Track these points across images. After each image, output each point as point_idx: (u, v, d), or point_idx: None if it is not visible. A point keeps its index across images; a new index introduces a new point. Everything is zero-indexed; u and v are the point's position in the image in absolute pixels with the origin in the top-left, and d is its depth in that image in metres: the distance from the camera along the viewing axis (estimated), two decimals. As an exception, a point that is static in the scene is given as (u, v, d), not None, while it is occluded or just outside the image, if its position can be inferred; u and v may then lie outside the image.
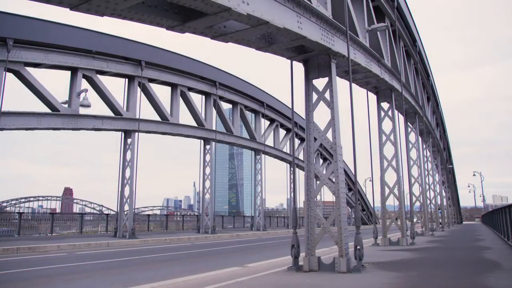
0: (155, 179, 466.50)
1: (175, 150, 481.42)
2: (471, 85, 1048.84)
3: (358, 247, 8.93)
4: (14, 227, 23.84)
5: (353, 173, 9.63)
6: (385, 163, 17.19)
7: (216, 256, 15.11)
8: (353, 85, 12.92)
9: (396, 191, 17.07)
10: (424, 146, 29.54)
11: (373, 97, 17.61)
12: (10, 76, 18.46)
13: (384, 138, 17.42)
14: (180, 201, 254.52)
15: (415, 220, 22.30)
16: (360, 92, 17.23)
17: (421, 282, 7.80)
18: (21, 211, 37.47)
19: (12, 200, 57.68)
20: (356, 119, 9.60)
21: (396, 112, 18.10)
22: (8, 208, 52.77)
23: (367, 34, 12.61)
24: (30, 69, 19.28)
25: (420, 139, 26.40)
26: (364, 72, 13.09)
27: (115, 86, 23.69)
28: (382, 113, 17.52)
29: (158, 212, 71.42)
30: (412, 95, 21.45)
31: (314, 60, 10.04)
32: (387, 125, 17.47)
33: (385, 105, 17.52)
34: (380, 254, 12.79)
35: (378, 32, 14.15)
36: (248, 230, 34.18)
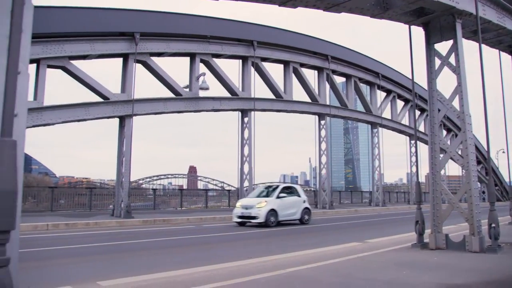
0: (270, 156, 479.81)
1: (288, 127, 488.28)
2: None
3: (493, 225, 8.10)
4: (150, 201, 26.67)
5: (481, 144, 8.72)
6: (524, 132, 15.27)
7: (334, 231, 15.09)
8: (482, 45, 11.59)
9: (538, 163, 15.10)
10: None
11: (506, 57, 15.60)
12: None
13: (521, 103, 15.44)
14: (296, 177, 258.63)
15: None
16: (489, 53, 15.38)
17: None
18: (154, 187, 41.67)
19: (146, 178, 64.42)
20: (487, 84, 8.62)
21: (536, 73, 15.87)
22: (143, 185, 59.08)
23: (499, -14, 11.13)
24: (155, 58, 21.04)
25: None
26: (496, 30, 11.60)
27: (230, 68, 24.68)
28: (519, 76, 15.51)
29: (275, 187, 73.30)
30: (557, 52, 18.51)
31: (436, 23, 9.18)
32: (525, 88, 15.42)
33: (522, 66, 15.45)
34: (519, 233, 11.51)
35: (512, -17, 12.39)
36: (367, 206, 33.44)
